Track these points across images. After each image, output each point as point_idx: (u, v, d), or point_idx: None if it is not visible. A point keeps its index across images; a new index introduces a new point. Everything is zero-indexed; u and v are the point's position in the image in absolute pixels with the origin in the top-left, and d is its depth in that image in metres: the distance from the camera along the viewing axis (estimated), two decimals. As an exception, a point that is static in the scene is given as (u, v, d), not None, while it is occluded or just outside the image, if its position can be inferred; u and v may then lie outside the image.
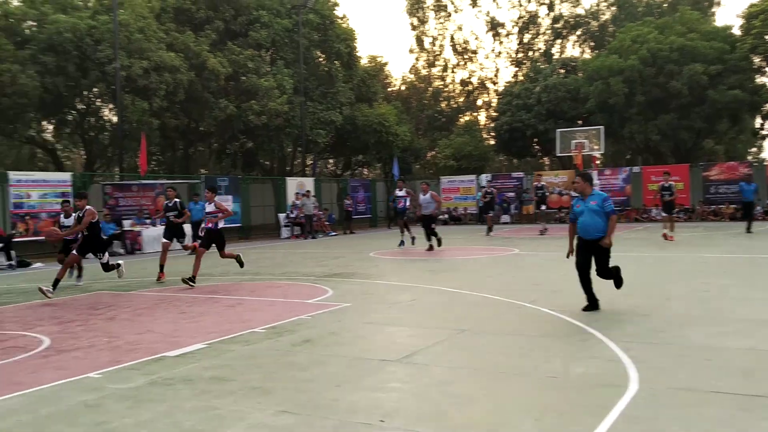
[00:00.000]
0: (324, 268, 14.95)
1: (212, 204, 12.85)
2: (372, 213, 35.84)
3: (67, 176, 21.87)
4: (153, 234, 21.78)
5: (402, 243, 19.84)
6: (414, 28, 54.50)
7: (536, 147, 42.85)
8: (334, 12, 37.28)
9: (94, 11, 27.03)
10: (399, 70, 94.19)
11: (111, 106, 29.82)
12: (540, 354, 6.40)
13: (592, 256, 8.39)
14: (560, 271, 11.93)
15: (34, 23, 26.42)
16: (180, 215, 14.33)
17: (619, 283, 8.61)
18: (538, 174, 31.69)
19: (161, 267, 13.55)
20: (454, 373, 5.90)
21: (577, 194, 8.76)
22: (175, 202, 14.43)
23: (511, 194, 34.59)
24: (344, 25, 38.22)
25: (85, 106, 29.90)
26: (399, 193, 20.38)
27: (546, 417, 4.68)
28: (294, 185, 29.60)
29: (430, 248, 17.89)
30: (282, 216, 28.65)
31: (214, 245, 12.84)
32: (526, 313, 8.52)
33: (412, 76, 54.43)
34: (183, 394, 5.47)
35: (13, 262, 17.89)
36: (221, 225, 12.94)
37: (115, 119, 27.04)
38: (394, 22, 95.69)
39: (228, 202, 26.67)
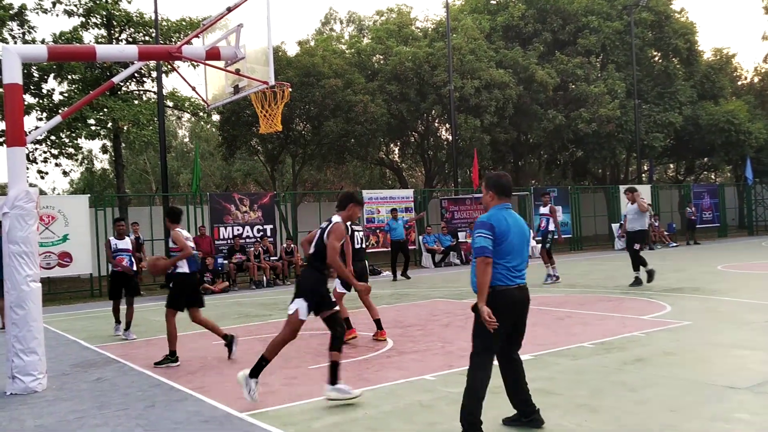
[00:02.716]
0: (662, 281, 13.88)
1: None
2: (720, 221, 32.31)
3: (409, 192, 23.96)
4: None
5: (548, 278, 15.19)
6: (767, 11, 48.04)
7: None
8: (671, 7, 34.75)
9: (431, 39, 29.29)
10: (750, 61, 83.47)
11: (446, 126, 31.92)
12: None
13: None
14: None
15: (381, 57, 29.63)
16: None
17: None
18: None
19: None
20: (823, 410, 4.97)
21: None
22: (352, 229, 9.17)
23: None
24: (682, 20, 35.38)
25: (424, 128, 32.49)
26: (542, 210, 15.97)
27: None
28: (628, 194, 28.15)
29: (636, 281, 13.26)
30: (615, 226, 27.43)
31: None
32: None
33: (766, 65, 47.96)
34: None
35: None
36: (182, 269, 7.92)
37: (450, 138, 28.86)
38: (742, 8, 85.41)
39: (558, 213, 26.49)
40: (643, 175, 36.80)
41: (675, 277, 14.54)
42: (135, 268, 10.71)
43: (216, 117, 28.30)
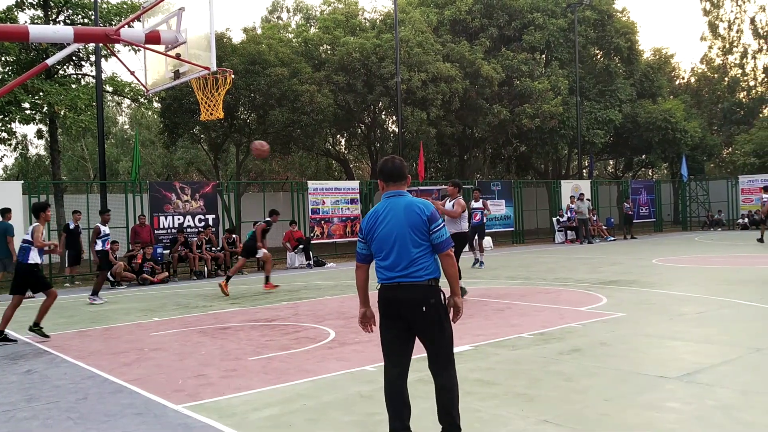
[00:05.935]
0: (599, 274, 14.25)
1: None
2: (656, 216, 33.37)
3: (355, 184, 23.90)
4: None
5: (477, 262, 17.39)
6: (706, 13, 49.72)
7: None
8: (613, 6, 35.58)
9: (379, 31, 29.21)
10: (688, 61, 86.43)
11: (393, 118, 31.94)
12: None
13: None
14: None
15: (329, 47, 29.39)
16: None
17: None
18: None
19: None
20: (746, 398, 5.17)
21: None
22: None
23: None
24: (624, 19, 36.29)
25: (371, 120, 32.44)
26: (475, 204, 17.40)
27: None
28: (569, 188, 28.76)
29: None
30: (556, 220, 28.00)
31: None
32: None
33: (703, 66, 49.70)
34: (448, 393, 5.56)
35: (311, 262, 20.00)
36: (33, 259, 8.82)
37: (397, 130, 28.87)
38: (682, 9, 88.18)
39: (501, 206, 26.91)
40: (584, 170, 37.67)
41: (611, 270, 14.93)
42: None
43: (157, 104, 27.62)
